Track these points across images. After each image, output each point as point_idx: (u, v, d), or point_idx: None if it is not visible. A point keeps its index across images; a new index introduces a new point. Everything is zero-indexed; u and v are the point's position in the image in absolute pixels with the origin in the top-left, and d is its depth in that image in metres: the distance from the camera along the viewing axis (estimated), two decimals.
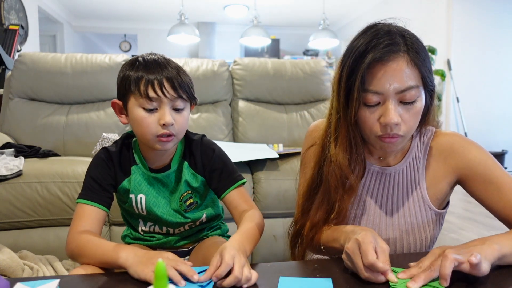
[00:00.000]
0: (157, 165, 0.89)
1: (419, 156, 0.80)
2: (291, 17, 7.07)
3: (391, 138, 0.69)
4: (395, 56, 0.66)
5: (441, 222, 0.84)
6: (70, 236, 0.77)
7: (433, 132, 0.82)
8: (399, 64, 0.66)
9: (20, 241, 1.49)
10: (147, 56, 0.82)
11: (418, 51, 0.68)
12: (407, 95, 0.67)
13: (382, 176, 0.82)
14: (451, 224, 2.50)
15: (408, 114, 0.68)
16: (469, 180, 0.76)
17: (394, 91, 0.66)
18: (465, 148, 0.77)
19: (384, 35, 0.67)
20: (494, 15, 4.54)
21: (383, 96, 0.67)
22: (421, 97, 0.69)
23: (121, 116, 0.85)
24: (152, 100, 0.77)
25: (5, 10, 3.80)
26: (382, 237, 0.80)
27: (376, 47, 0.65)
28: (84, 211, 0.81)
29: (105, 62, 2.14)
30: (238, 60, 2.32)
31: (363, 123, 0.71)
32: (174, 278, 0.59)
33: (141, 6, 6.49)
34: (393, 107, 0.67)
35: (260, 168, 1.70)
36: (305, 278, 0.62)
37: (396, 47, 0.66)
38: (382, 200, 0.82)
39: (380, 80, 0.66)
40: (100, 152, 0.88)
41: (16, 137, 2.00)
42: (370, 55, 0.65)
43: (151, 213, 0.89)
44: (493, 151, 4.32)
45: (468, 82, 4.51)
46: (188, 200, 0.90)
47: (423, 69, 0.68)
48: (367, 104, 0.69)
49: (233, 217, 0.88)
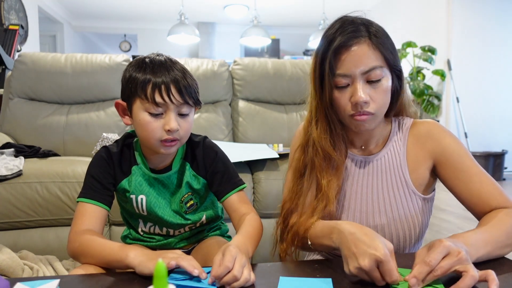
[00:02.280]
0: (158, 166, 0.89)
1: (399, 143, 0.85)
2: (291, 17, 7.07)
3: (362, 115, 0.75)
4: (357, 41, 0.74)
5: (429, 209, 0.86)
6: (71, 235, 0.77)
7: (411, 121, 0.87)
8: (361, 48, 0.73)
9: (20, 241, 1.49)
10: (154, 57, 0.81)
11: (379, 36, 0.75)
12: (372, 74, 0.74)
13: (366, 165, 0.85)
14: (451, 224, 2.50)
15: (375, 92, 0.75)
16: (442, 166, 0.80)
17: (360, 72, 0.73)
18: (441, 135, 0.82)
19: (348, 24, 0.75)
20: (494, 15, 4.54)
21: (351, 78, 0.74)
22: (386, 78, 0.76)
23: (124, 117, 0.84)
24: (158, 106, 0.76)
25: (5, 10, 3.80)
26: (369, 224, 0.82)
27: (341, 34, 0.74)
28: (86, 210, 0.80)
29: (105, 62, 2.14)
30: (238, 60, 2.32)
31: (337, 104, 0.78)
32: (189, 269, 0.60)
33: (141, 6, 6.49)
34: (361, 87, 0.74)
35: (260, 168, 1.70)
36: (305, 278, 0.62)
37: (358, 33, 0.74)
38: (367, 188, 0.84)
39: (346, 64, 0.74)
40: (100, 151, 0.87)
41: (16, 137, 2.00)
42: (335, 42, 0.74)
43: (152, 213, 0.89)
44: (493, 151, 4.32)
45: (468, 82, 4.51)
46: (188, 201, 0.90)
47: (385, 51, 0.75)
48: (338, 86, 0.76)
49: (232, 220, 0.89)
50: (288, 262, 0.74)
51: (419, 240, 0.86)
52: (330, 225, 0.72)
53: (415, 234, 0.83)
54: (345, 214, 0.85)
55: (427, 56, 4.37)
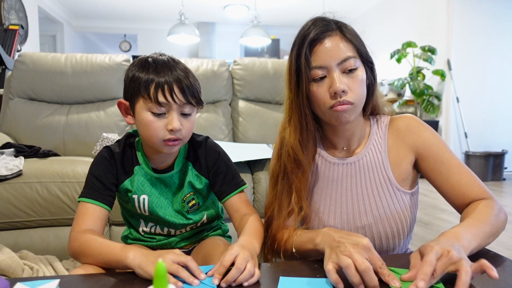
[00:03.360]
0: (160, 165, 0.89)
1: (379, 141, 0.85)
2: (291, 17, 7.07)
3: (342, 105, 0.76)
4: (329, 34, 0.77)
5: (415, 203, 0.86)
6: (72, 235, 0.77)
7: (389, 118, 0.88)
8: (334, 40, 0.77)
9: (20, 241, 1.49)
10: (157, 56, 0.81)
11: (349, 30, 0.80)
12: (347, 64, 0.76)
13: (348, 166, 0.86)
14: (451, 224, 2.49)
15: (352, 82, 0.77)
16: (424, 159, 0.82)
17: (335, 62, 0.76)
18: (420, 129, 0.83)
19: (319, 21, 0.79)
20: (494, 15, 4.54)
21: (327, 70, 0.76)
22: (361, 68, 0.79)
23: (126, 117, 0.84)
24: (161, 105, 0.77)
25: (5, 10, 3.80)
26: (357, 225, 0.83)
27: (314, 29, 0.78)
28: (87, 210, 0.80)
29: (105, 62, 2.14)
30: (238, 60, 2.32)
31: (315, 98, 0.79)
32: (186, 279, 0.60)
33: (141, 6, 6.49)
34: (338, 76, 0.76)
35: (260, 168, 1.70)
36: (305, 278, 0.62)
37: (329, 27, 0.78)
38: (352, 190, 0.84)
39: (321, 56, 0.77)
40: (102, 151, 0.87)
41: (16, 137, 2.00)
42: (309, 36, 0.77)
43: (153, 213, 0.89)
44: (493, 151, 4.32)
45: (468, 82, 4.51)
46: (191, 201, 0.90)
47: (356, 43, 0.79)
48: (315, 79, 0.78)
49: (232, 220, 0.89)
50: (288, 262, 0.74)
51: (409, 234, 0.87)
52: (315, 231, 0.74)
53: (403, 230, 0.83)
54: (332, 218, 0.85)
55: (427, 56, 4.37)
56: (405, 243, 0.87)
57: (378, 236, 0.82)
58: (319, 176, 0.87)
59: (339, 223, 0.84)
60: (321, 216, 0.85)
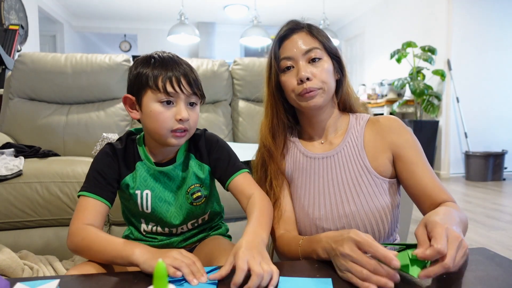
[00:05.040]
0: (162, 160, 0.90)
1: (356, 134, 0.90)
2: (291, 17, 7.00)
3: (309, 92, 0.83)
4: (298, 31, 0.88)
5: (395, 192, 0.89)
6: (73, 229, 0.76)
7: (368, 117, 0.93)
8: (300, 35, 0.87)
9: (20, 241, 1.49)
10: (162, 53, 0.85)
11: (316, 29, 0.89)
12: (312, 53, 0.85)
13: (328, 160, 0.90)
14: None
15: (317, 70, 0.85)
16: (400, 158, 0.86)
17: (300, 53, 0.85)
18: (401, 130, 0.88)
19: (291, 22, 0.90)
20: (494, 15, 4.54)
21: (294, 60, 0.86)
22: (326, 60, 0.87)
23: (131, 111, 0.86)
24: (170, 96, 0.79)
25: (5, 10, 3.79)
26: (340, 213, 0.86)
27: (284, 28, 0.89)
28: (88, 204, 0.80)
29: (105, 62, 2.14)
30: (238, 60, 2.32)
31: (286, 87, 0.88)
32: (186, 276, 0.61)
33: (141, 6, 6.49)
34: (303, 65, 0.85)
35: None
36: (305, 278, 0.62)
37: (299, 26, 0.89)
38: (333, 181, 0.89)
39: (288, 48, 0.87)
40: (105, 147, 0.88)
41: (16, 137, 2.00)
42: (280, 33, 0.89)
43: (155, 210, 0.89)
44: (493, 151, 4.32)
45: (468, 82, 4.51)
46: (195, 193, 0.91)
47: (322, 39, 0.88)
48: (283, 69, 0.87)
49: (240, 204, 0.88)
50: (288, 262, 0.74)
51: (393, 221, 0.88)
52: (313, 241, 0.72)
53: (386, 217, 0.85)
54: (316, 210, 0.88)
55: (427, 56, 4.37)
56: (390, 231, 0.88)
57: (363, 224, 0.85)
58: (301, 172, 0.92)
59: (324, 214, 0.87)
60: (306, 209, 0.89)
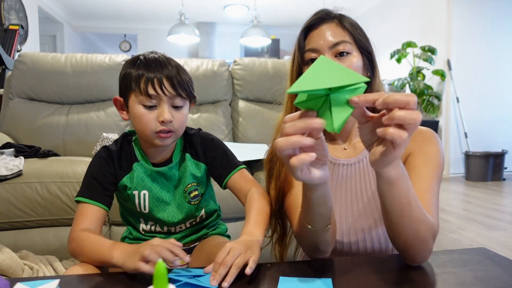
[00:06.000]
0: (158, 160, 0.90)
1: None
2: (291, 17, 7.07)
3: None
4: (327, 21, 0.79)
5: None
6: (70, 235, 0.78)
7: None
8: (330, 27, 0.78)
9: (20, 241, 1.49)
10: (148, 54, 0.84)
11: (349, 20, 0.80)
12: (340, 47, 0.76)
13: (351, 167, 0.84)
14: (451, 224, 2.50)
15: (345, 65, 0.74)
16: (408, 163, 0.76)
17: (327, 45, 0.77)
18: (430, 141, 0.77)
19: (321, 12, 0.82)
20: (494, 15, 4.54)
21: (319, 53, 0.77)
22: (356, 55, 0.78)
23: (122, 113, 0.87)
24: (151, 98, 0.79)
25: (5, 10, 3.79)
26: (356, 228, 0.80)
27: (313, 18, 0.80)
28: (84, 210, 0.81)
29: (105, 62, 2.14)
30: (238, 60, 2.32)
31: None
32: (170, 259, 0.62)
33: (141, 6, 6.49)
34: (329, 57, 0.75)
35: (260, 168, 1.70)
36: (305, 278, 0.62)
37: (329, 16, 0.80)
38: (352, 191, 0.83)
39: (314, 39, 0.78)
40: (100, 151, 0.88)
41: (16, 137, 2.00)
42: (307, 22, 0.80)
43: (153, 210, 0.89)
44: (493, 151, 4.32)
45: (468, 82, 4.51)
46: (192, 191, 0.91)
47: (354, 32, 0.79)
48: (307, 61, 0.79)
49: (240, 201, 0.89)
50: (288, 262, 0.74)
51: None
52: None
53: None
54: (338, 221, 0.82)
55: (427, 56, 4.37)
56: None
57: (377, 239, 0.81)
58: None
59: (338, 226, 0.81)
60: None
